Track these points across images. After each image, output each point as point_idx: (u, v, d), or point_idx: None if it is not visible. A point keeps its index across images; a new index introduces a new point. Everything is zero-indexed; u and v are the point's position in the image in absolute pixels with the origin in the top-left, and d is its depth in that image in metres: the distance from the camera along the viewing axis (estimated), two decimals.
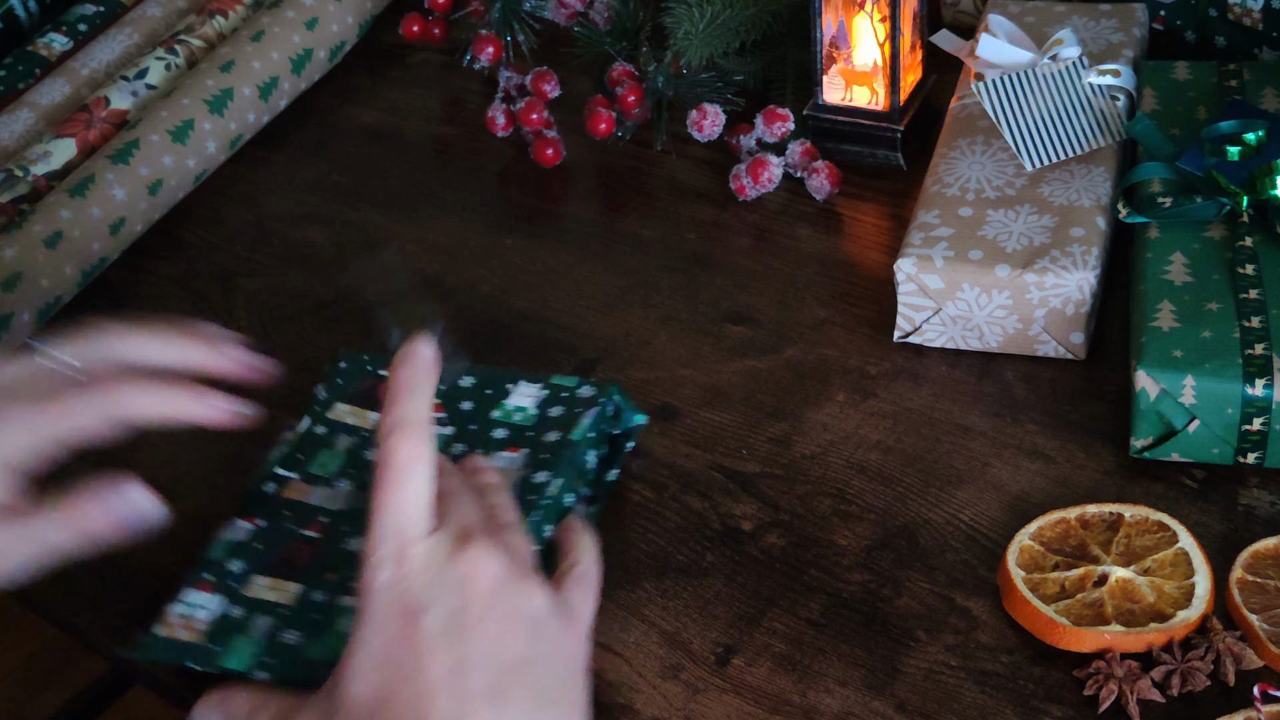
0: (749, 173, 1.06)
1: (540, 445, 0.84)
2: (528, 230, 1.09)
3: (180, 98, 1.13)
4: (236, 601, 0.78)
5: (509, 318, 1.01)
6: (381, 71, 1.26)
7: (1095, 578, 0.78)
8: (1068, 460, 0.86)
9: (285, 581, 0.79)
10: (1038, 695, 0.75)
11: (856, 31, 1.05)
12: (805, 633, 0.80)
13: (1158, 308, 0.85)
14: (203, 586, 0.78)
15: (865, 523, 0.85)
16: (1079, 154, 0.96)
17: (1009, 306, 0.90)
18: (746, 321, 0.99)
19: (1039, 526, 0.81)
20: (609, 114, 1.13)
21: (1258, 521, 0.82)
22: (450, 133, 1.20)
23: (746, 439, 0.91)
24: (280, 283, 1.07)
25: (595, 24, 1.20)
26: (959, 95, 1.04)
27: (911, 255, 0.91)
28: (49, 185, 1.09)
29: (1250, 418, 0.81)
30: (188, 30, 1.20)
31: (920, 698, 0.76)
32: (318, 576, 0.79)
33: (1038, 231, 0.91)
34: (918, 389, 0.92)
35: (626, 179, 1.12)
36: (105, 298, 1.07)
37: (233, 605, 0.78)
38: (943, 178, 0.96)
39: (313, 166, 1.18)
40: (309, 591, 0.79)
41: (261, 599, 0.78)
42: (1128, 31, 1.05)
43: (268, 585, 0.79)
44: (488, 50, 1.19)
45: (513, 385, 0.88)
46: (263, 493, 0.84)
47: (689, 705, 0.77)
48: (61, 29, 1.23)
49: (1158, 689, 0.74)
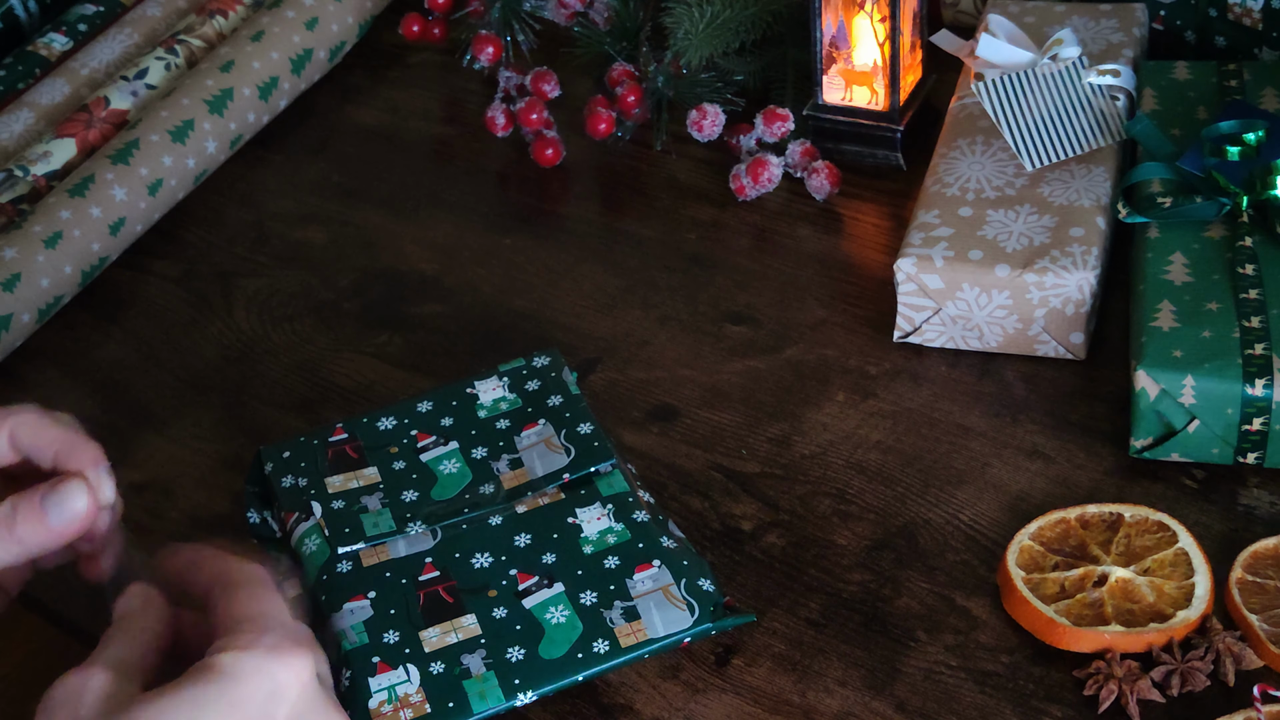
0: (749, 173, 1.06)
1: (549, 411, 0.87)
2: (528, 230, 1.09)
3: (180, 98, 1.13)
4: (427, 661, 0.76)
5: (509, 318, 1.01)
6: (381, 71, 1.26)
7: (1095, 578, 0.78)
8: (1068, 460, 0.86)
9: (453, 621, 0.78)
10: (1038, 695, 0.75)
11: (856, 31, 1.05)
12: (805, 633, 0.80)
13: (1158, 308, 0.85)
14: (381, 669, 0.76)
15: (865, 523, 0.85)
16: (1079, 154, 0.96)
17: (1009, 306, 0.90)
18: (746, 321, 0.99)
19: (1039, 526, 0.81)
20: (609, 114, 1.13)
21: (1258, 521, 0.82)
22: (450, 133, 1.20)
23: (746, 439, 0.91)
24: (280, 283, 1.07)
25: (595, 24, 1.20)
26: (959, 95, 1.04)
27: (911, 255, 0.91)
28: (49, 185, 1.09)
29: (1250, 418, 0.81)
30: (188, 30, 1.20)
31: (920, 698, 0.76)
32: (479, 600, 0.78)
33: (1038, 231, 0.91)
34: (918, 389, 0.92)
35: (626, 179, 1.12)
36: (105, 298, 1.08)
37: (428, 665, 0.76)
38: (943, 178, 0.96)
39: (313, 166, 1.18)
40: (487, 614, 0.78)
41: (448, 645, 0.77)
42: (1128, 31, 1.05)
43: (440, 632, 0.77)
44: (488, 50, 1.19)
45: (471, 389, 0.90)
46: (343, 574, 0.80)
47: (689, 705, 0.77)
48: (61, 29, 1.23)
49: (1158, 689, 0.74)
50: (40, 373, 1.02)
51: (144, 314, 1.06)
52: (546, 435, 0.86)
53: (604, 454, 0.84)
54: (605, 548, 0.80)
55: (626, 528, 0.81)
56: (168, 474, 0.94)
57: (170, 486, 0.93)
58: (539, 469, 0.84)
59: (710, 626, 0.77)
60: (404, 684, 0.75)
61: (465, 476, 0.85)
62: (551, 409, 0.88)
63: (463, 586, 0.79)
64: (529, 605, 0.78)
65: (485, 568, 0.79)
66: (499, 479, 0.84)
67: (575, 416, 0.87)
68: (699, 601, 0.78)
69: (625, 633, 0.76)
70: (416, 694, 0.75)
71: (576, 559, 0.80)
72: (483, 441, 0.87)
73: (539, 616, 0.77)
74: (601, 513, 0.82)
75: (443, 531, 0.82)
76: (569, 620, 0.77)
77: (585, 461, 0.84)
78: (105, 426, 0.98)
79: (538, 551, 0.80)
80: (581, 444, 0.85)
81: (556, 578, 0.79)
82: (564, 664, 0.75)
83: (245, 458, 0.93)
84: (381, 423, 0.88)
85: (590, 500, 0.83)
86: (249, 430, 0.96)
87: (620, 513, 0.82)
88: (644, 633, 0.76)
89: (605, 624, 0.77)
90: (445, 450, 0.86)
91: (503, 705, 0.74)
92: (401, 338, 1.01)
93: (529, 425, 0.87)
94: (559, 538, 0.81)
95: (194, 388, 1.00)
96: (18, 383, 1.02)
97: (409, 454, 0.86)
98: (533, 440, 0.86)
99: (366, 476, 0.85)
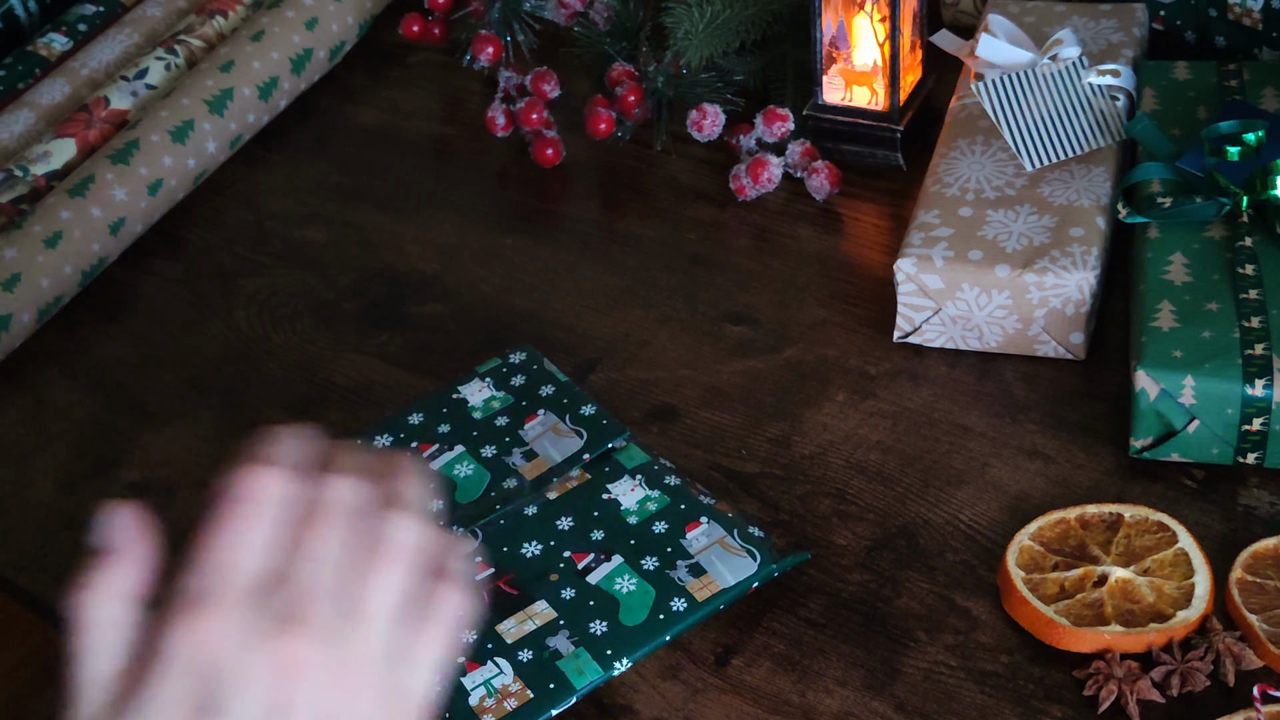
0: (749, 173, 1.06)
1: (546, 401, 0.89)
2: (528, 230, 1.09)
3: (180, 98, 1.13)
4: (513, 651, 0.77)
5: (509, 318, 1.01)
6: (381, 71, 1.26)
7: (1095, 578, 0.78)
8: (1068, 460, 0.86)
9: (525, 610, 0.79)
10: (1038, 695, 0.75)
11: (856, 31, 1.05)
12: (805, 633, 0.80)
13: (1158, 308, 0.85)
14: (470, 667, 0.77)
15: (865, 523, 0.85)
16: (1079, 154, 0.96)
17: (1009, 306, 0.90)
18: (746, 321, 0.99)
19: (1039, 527, 0.81)
20: (609, 114, 1.13)
21: (1258, 521, 0.82)
22: (450, 133, 1.20)
23: (746, 439, 0.91)
24: (280, 283, 1.07)
25: (595, 24, 1.20)
26: (959, 95, 1.04)
27: (911, 255, 0.91)
28: (49, 185, 1.09)
29: (1250, 418, 0.81)
30: (188, 30, 1.20)
31: (920, 698, 0.76)
32: (543, 585, 0.80)
33: (1038, 231, 0.91)
34: (917, 389, 0.92)
35: (626, 179, 1.12)
36: (105, 298, 1.07)
37: (515, 655, 0.77)
38: (943, 178, 0.96)
39: (313, 166, 1.18)
40: (556, 596, 0.79)
41: (528, 633, 0.78)
42: (1128, 31, 1.05)
43: (516, 623, 0.78)
44: (488, 50, 1.19)
45: (456, 394, 0.91)
46: None
47: (688, 705, 0.77)
48: (61, 29, 1.23)
49: (1157, 689, 0.74)
50: (40, 373, 1.02)
51: (144, 314, 1.06)
52: (552, 423, 0.88)
53: (616, 430, 0.87)
54: (649, 515, 0.83)
55: (663, 493, 0.84)
56: (168, 474, 0.94)
57: (170, 486, 0.93)
58: (555, 455, 0.86)
59: (774, 568, 0.80)
60: (498, 676, 0.76)
61: (483, 476, 0.86)
62: (547, 399, 0.89)
63: (521, 577, 0.80)
64: (595, 581, 0.80)
65: (538, 555, 0.81)
66: (518, 472, 0.86)
67: (574, 401, 0.89)
68: (756, 547, 0.80)
69: (697, 588, 0.79)
70: (514, 683, 0.76)
71: (625, 530, 0.82)
72: (487, 440, 0.88)
73: (608, 589, 0.79)
74: (634, 484, 0.84)
75: (482, 531, 0.83)
76: (639, 587, 0.79)
77: (600, 440, 0.87)
78: (105, 426, 0.98)
79: (584, 531, 0.82)
80: (590, 425, 0.87)
81: (613, 550, 0.81)
82: (649, 627, 0.78)
83: None
84: (378, 441, 0.88)
85: (618, 475, 0.85)
86: (249, 430, 0.96)
87: (652, 480, 0.84)
88: (715, 585, 0.79)
89: (676, 583, 0.79)
90: (453, 455, 0.87)
91: (601, 676, 0.76)
92: (401, 338, 1.01)
93: (530, 418, 0.89)
94: (600, 514, 0.83)
95: (194, 388, 1.00)
96: (18, 383, 1.02)
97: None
98: (539, 430, 0.88)
99: None
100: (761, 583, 0.80)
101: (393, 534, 0.53)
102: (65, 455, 0.96)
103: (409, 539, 0.53)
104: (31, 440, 0.98)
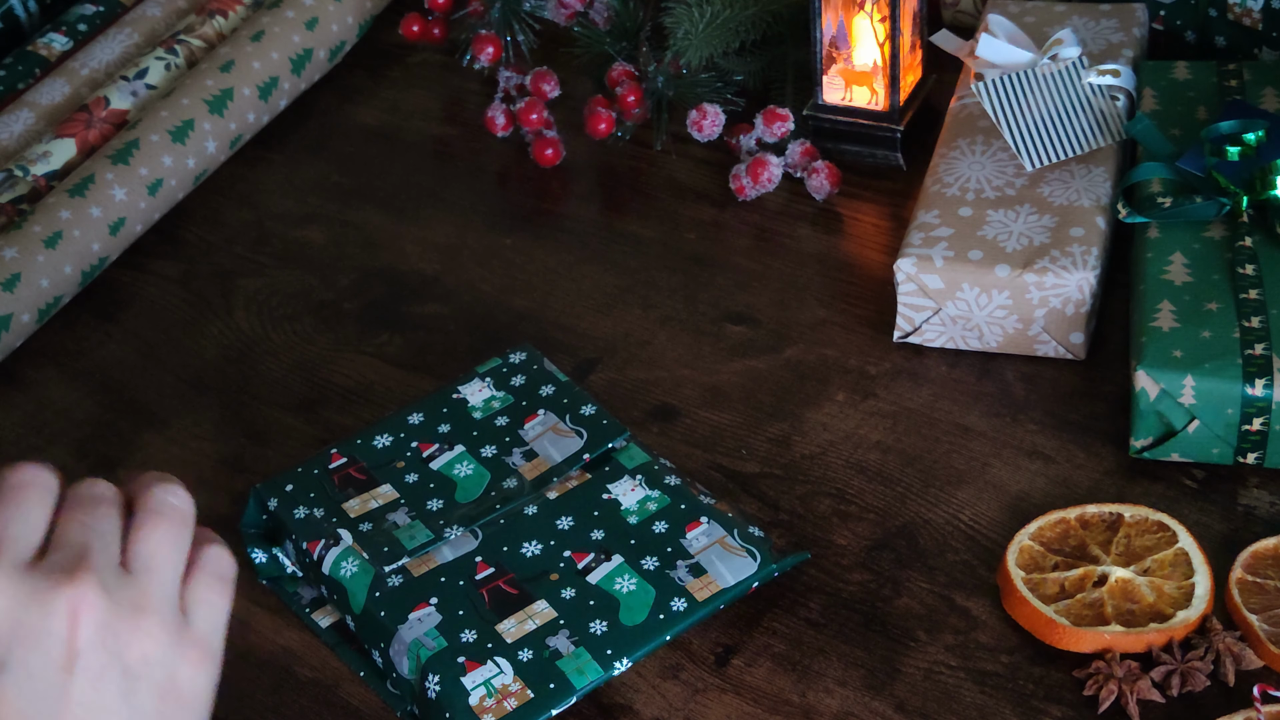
0: (749, 173, 1.06)
1: (546, 400, 0.89)
2: (528, 230, 1.09)
3: (180, 98, 1.13)
4: (513, 650, 0.77)
5: (509, 318, 1.01)
6: (381, 71, 1.26)
7: (1095, 578, 0.78)
8: (1068, 460, 0.86)
9: (525, 610, 0.79)
10: (1038, 695, 0.75)
11: (856, 31, 1.05)
12: (805, 633, 0.80)
13: (1158, 308, 0.85)
14: (470, 666, 0.77)
15: (865, 523, 0.85)
16: (1079, 154, 0.96)
17: (1009, 306, 0.90)
18: (746, 321, 0.99)
19: (1039, 526, 0.81)
20: (609, 114, 1.13)
21: (1258, 521, 0.82)
22: (450, 133, 1.20)
23: (746, 439, 0.91)
24: (280, 283, 1.07)
25: (595, 24, 1.20)
26: (959, 95, 1.04)
27: (911, 255, 0.91)
28: (49, 185, 1.09)
29: (1250, 418, 0.81)
30: (188, 30, 1.20)
31: (920, 698, 0.76)
32: (542, 585, 0.80)
33: (1038, 231, 0.91)
34: (918, 389, 0.92)
35: (626, 179, 1.12)
36: (105, 298, 1.07)
37: (515, 654, 0.77)
38: (943, 178, 0.96)
39: (313, 166, 1.18)
40: (556, 596, 0.79)
41: (528, 633, 0.78)
42: (1128, 31, 1.05)
43: (516, 623, 0.78)
44: (488, 50, 1.19)
45: (456, 394, 0.91)
46: (397, 588, 0.80)
47: (689, 705, 0.77)
48: (61, 29, 1.23)
49: (1158, 689, 0.74)
50: (40, 373, 1.02)
51: (144, 314, 1.06)
52: (552, 423, 0.88)
53: (616, 430, 0.87)
54: (649, 515, 0.83)
55: (663, 493, 0.84)
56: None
57: None
58: (555, 455, 0.86)
59: (774, 568, 0.80)
60: (498, 676, 0.76)
61: (483, 476, 0.86)
62: (547, 398, 0.90)
63: (521, 577, 0.80)
64: (595, 580, 0.80)
65: (538, 555, 0.81)
66: (518, 472, 0.86)
67: (574, 401, 0.89)
68: (756, 547, 0.80)
69: (697, 588, 0.79)
70: (514, 683, 0.76)
71: (625, 530, 0.82)
72: (488, 440, 0.88)
73: (608, 589, 0.79)
74: (634, 484, 0.84)
75: (482, 531, 0.83)
76: (639, 586, 0.79)
77: (600, 440, 0.87)
78: (105, 426, 0.98)
79: (584, 531, 0.82)
80: (591, 425, 0.87)
81: (613, 550, 0.81)
82: (649, 627, 0.78)
83: (245, 458, 0.93)
84: (378, 441, 0.88)
85: (618, 475, 0.85)
86: (249, 430, 0.96)
87: (652, 480, 0.84)
88: (715, 585, 0.79)
89: (675, 583, 0.79)
90: (453, 455, 0.87)
91: (602, 676, 0.76)
92: (401, 338, 1.01)
93: (530, 418, 0.89)
94: (600, 514, 0.83)
95: (194, 388, 1.00)
96: (18, 383, 1.02)
97: (418, 465, 0.87)
98: (539, 430, 0.88)
99: (383, 495, 0.85)
100: (761, 583, 0.80)
101: (160, 497, 0.57)
102: (65, 455, 0.96)
103: (176, 501, 0.57)
104: (31, 440, 0.98)
